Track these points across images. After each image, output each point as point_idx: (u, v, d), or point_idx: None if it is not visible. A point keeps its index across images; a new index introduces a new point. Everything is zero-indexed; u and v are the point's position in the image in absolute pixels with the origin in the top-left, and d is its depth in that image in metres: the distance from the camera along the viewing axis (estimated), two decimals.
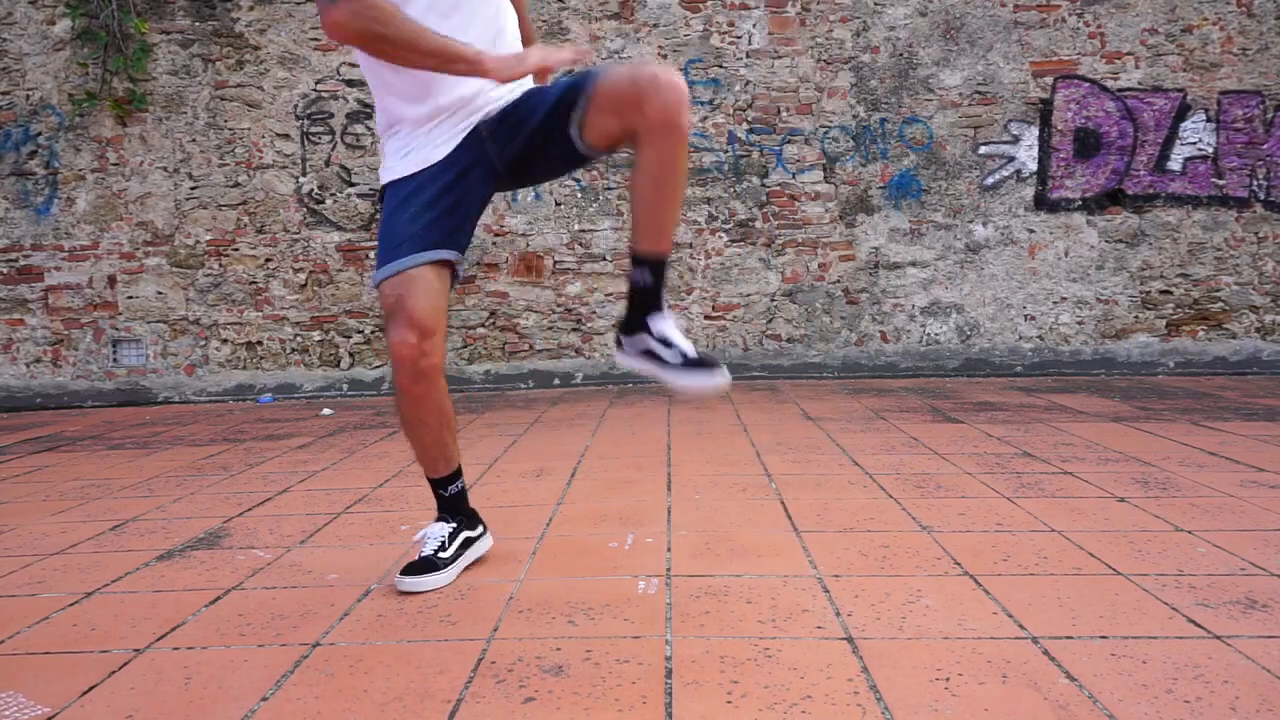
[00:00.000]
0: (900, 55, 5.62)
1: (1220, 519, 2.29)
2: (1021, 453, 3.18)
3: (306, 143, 5.68)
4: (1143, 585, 1.82)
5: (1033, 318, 5.67)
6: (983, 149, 5.63)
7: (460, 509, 2.04)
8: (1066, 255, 5.65)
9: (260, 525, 2.53)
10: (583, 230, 5.70)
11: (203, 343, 5.75)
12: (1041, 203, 5.64)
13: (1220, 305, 5.62)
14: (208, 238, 5.71)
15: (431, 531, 2.00)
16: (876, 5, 5.60)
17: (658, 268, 1.82)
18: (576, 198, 5.69)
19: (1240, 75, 5.52)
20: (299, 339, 5.76)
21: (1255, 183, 5.57)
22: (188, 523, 2.59)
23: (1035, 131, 5.61)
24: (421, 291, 1.75)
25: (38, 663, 1.62)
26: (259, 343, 5.76)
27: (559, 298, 5.74)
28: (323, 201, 5.70)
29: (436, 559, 1.94)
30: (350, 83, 5.64)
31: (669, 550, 2.15)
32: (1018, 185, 5.64)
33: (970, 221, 5.66)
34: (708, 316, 5.74)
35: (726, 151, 5.67)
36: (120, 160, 5.68)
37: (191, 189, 5.69)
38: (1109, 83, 5.56)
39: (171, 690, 1.49)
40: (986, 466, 2.96)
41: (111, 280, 5.72)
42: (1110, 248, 5.64)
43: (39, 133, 5.66)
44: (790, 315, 5.73)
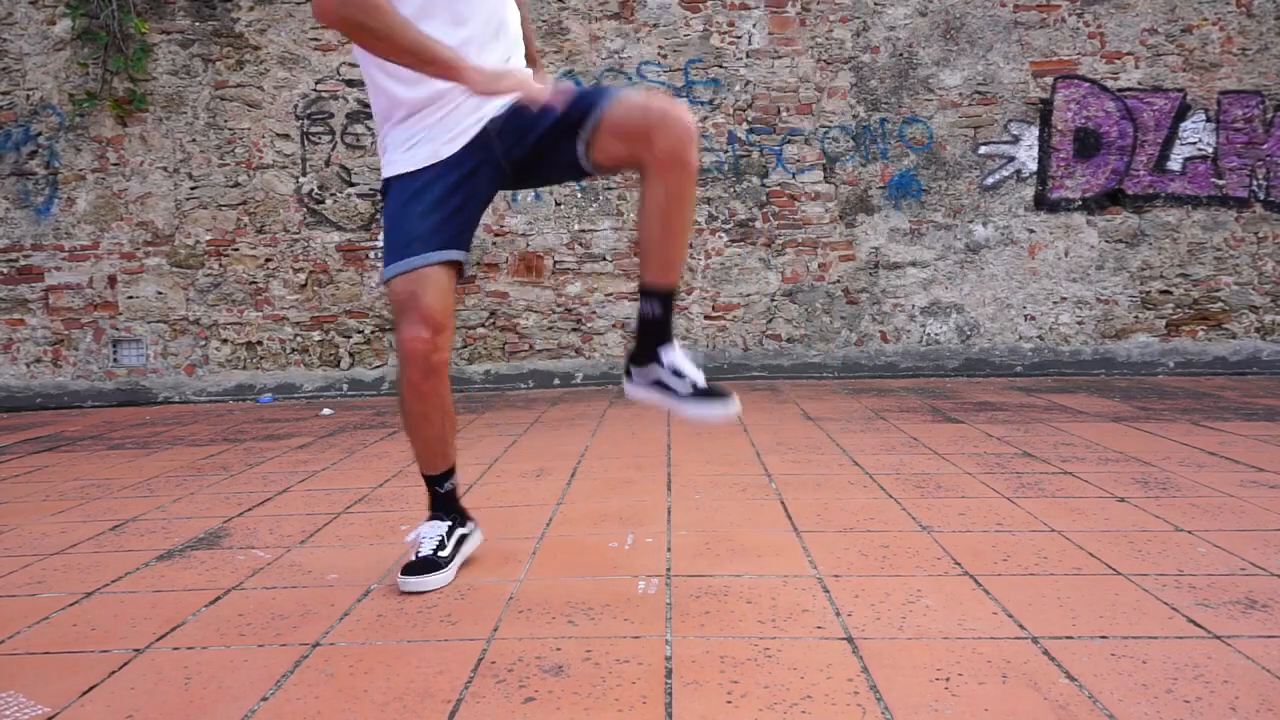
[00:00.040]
0: (900, 55, 5.62)
1: (1220, 519, 2.29)
2: (1021, 453, 3.18)
3: (306, 143, 5.68)
4: (1143, 585, 1.82)
5: (1033, 318, 5.67)
6: (983, 149, 5.63)
7: (454, 506, 2.06)
8: (1066, 255, 5.65)
9: (260, 525, 2.53)
10: (583, 230, 5.70)
11: (203, 343, 5.75)
12: (1041, 203, 5.64)
13: (1220, 305, 5.62)
14: (208, 238, 5.71)
15: (426, 531, 2.00)
16: (876, 5, 5.60)
17: (666, 300, 1.86)
18: (576, 198, 5.69)
19: (1240, 75, 5.52)
20: (299, 339, 5.76)
21: (1255, 183, 5.57)
22: (188, 523, 2.59)
23: (1035, 131, 5.61)
24: (433, 288, 1.77)
25: (38, 663, 1.62)
26: (259, 343, 5.76)
27: (559, 298, 5.74)
28: (323, 201, 5.70)
29: (437, 558, 1.95)
30: (350, 83, 5.63)
31: (669, 550, 2.15)
32: (1018, 185, 5.64)
33: (970, 221, 5.67)
34: (708, 316, 5.74)
35: (726, 151, 5.67)
36: (120, 160, 5.68)
37: (191, 189, 5.70)
38: (1109, 83, 5.56)
39: (171, 690, 1.49)
40: (986, 466, 2.96)
41: (112, 280, 5.73)
42: (1110, 248, 5.64)
43: (39, 133, 5.66)
44: (790, 315, 5.73)
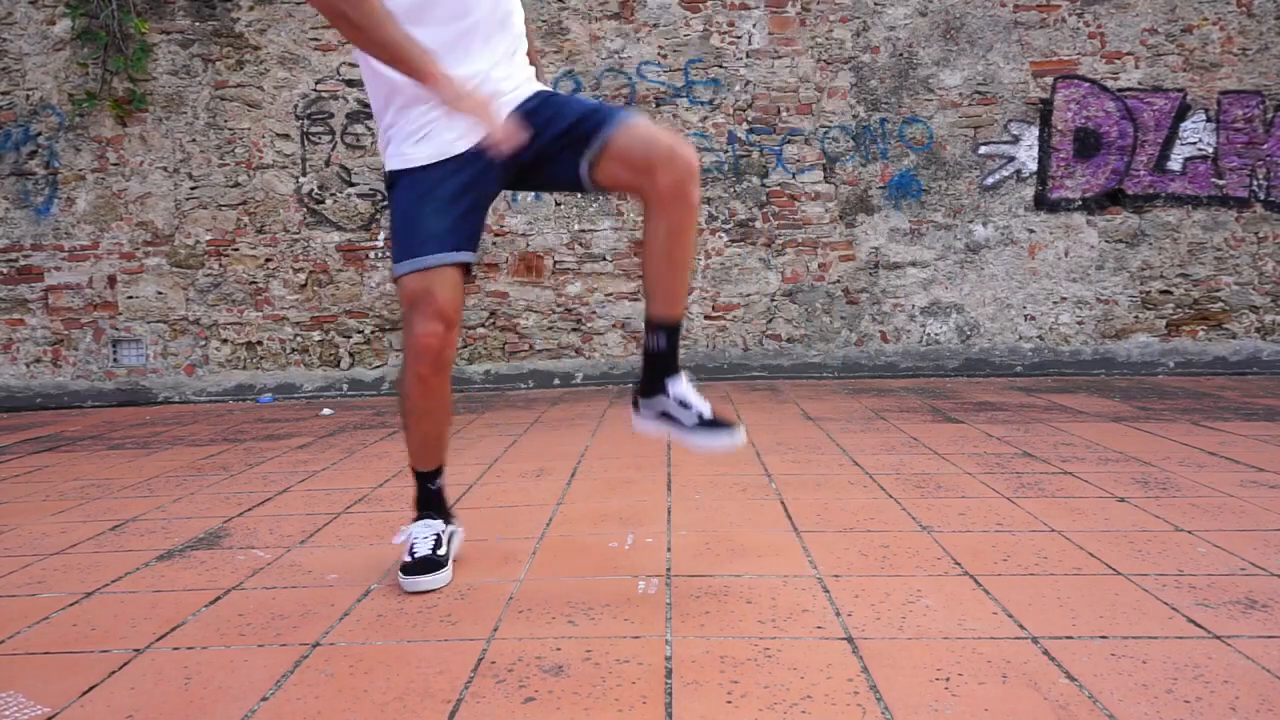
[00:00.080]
0: (900, 55, 5.62)
1: (1220, 519, 2.29)
2: (1021, 453, 3.18)
3: (306, 143, 5.68)
4: (1143, 585, 1.82)
5: (1033, 318, 5.67)
6: (983, 149, 5.63)
7: (442, 504, 2.07)
8: (1066, 255, 5.65)
9: (260, 525, 2.53)
10: (583, 230, 5.70)
11: (203, 343, 5.75)
12: (1041, 203, 5.64)
13: (1220, 305, 5.62)
14: (208, 238, 5.71)
15: (420, 531, 2.00)
16: (876, 5, 5.60)
17: (672, 333, 1.90)
18: (576, 198, 5.69)
19: (1240, 75, 5.52)
20: (299, 339, 5.76)
21: (1255, 183, 5.57)
22: (188, 523, 2.59)
23: (1035, 131, 5.61)
24: (447, 285, 1.80)
25: (38, 663, 1.62)
26: (259, 343, 5.76)
27: (559, 298, 5.74)
28: (323, 201, 5.70)
29: (438, 557, 1.95)
30: (350, 83, 5.63)
31: (669, 550, 2.15)
32: (1018, 185, 5.64)
33: (970, 221, 5.66)
34: (708, 316, 5.74)
35: (726, 151, 5.67)
36: (120, 160, 5.68)
37: (191, 189, 5.69)
38: (1109, 83, 5.56)
39: (171, 690, 1.49)
40: (986, 466, 2.96)
41: (111, 280, 5.73)
42: (1110, 248, 5.64)
43: (39, 133, 5.66)
44: (790, 315, 5.73)
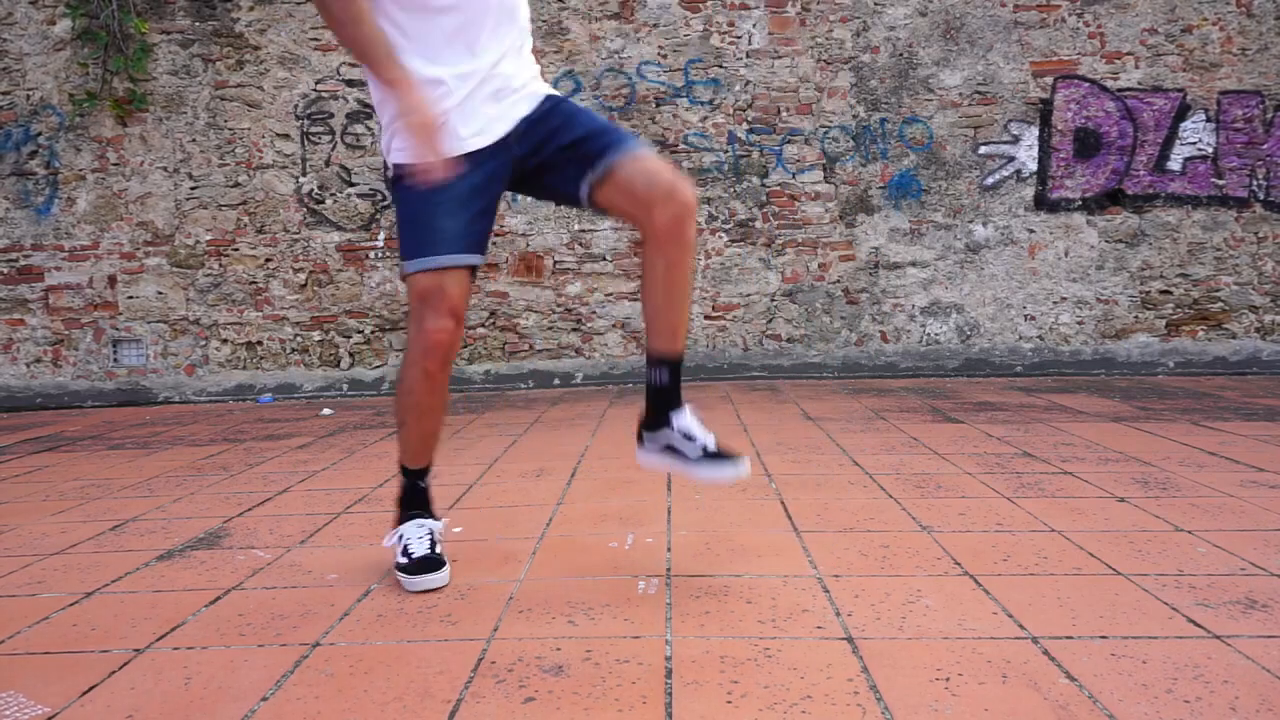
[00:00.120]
0: (900, 55, 5.62)
1: (1220, 519, 2.29)
2: (1021, 453, 3.18)
3: (306, 143, 5.68)
4: (1143, 585, 1.82)
5: (1033, 318, 5.67)
6: (983, 149, 5.63)
7: (430, 502, 2.06)
8: (1066, 255, 5.65)
9: (260, 525, 2.53)
10: (583, 230, 5.70)
11: (203, 343, 5.75)
12: (1041, 203, 5.64)
13: (1220, 305, 5.62)
14: (208, 238, 5.71)
15: (411, 531, 1.98)
16: (876, 5, 5.60)
17: (674, 367, 1.94)
18: None
19: (1240, 75, 5.52)
20: (299, 339, 5.76)
21: (1255, 183, 5.57)
22: (188, 523, 2.59)
23: (1035, 131, 5.61)
24: (458, 283, 1.82)
25: (38, 663, 1.62)
26: (259, 343, 5.76)
27: (559, 298, 5.74)
28: (323, 201, 5.70)
29: (437, 555, 1.96)
30: (350, 83, 5.63)
31: (669, 550, 2.15)
32: (1018, 185, 5.64)
33: (970, 221, 5.66)
34: (708, 316, 5.74)
35: (726, 151, 5.67)
36: (120, 160, 5.68)
37: (191, 189, 5.70)
38: (1109, 83, 5.56)
39: (171, 690, 1.49)
40: (986, 466, 2.96)
41: (112, 280, 5.73)
42: (1110, 248, 5.64)
43: (39, 133, 5.66)
44: (790, 315, 5.73)
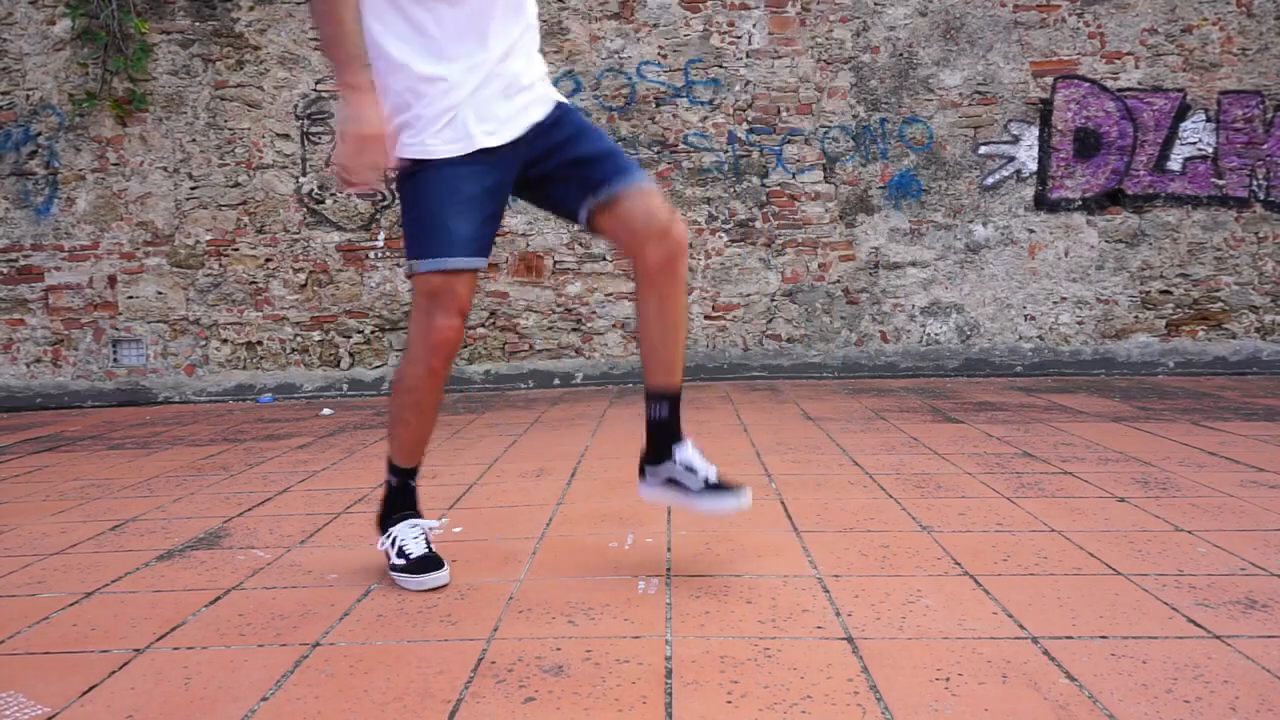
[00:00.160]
0: (900, 55, 5.62)
1: (1220, 519, 2.29)
2: (1021, 453, 3.18)
3: (306, 143, 5.68)
4: (1143, 585, 1.82)
5: (1033, 318, 5.67)
6: (983, 149, 5.63)
7: (417, 501, 2.05)
8: (1066, 255, 5.65)
9: (260, 525, 2.53)
10: (583, 230, 5.69)
11: (203, 343, 5.75)
12: (1041, 203, 5.64)
13: (1220, 305, 5.62)
14: (208, 238, 5.71)
15: (405, 531, 1.97)
16: (876, 5, 5.60)
17: (674, 401, 1.98)
18: None
19: (1240, 75, 5.52)
20: (299, 339, 5.76)
21: (1255, 183, 5.57)
22: (188, 523, 2.59)
23: (1035, 131, 5.61)
24: (466, 282, 1.85)
25: (38, 663, 1.62)
26: (259, 343, 5.76)
27: (559, 298, 5.74)
28: (323, 201, 5.70)
29: (435, 554, 1.96)
30: None
31: (669, 550, 2.15)
32: (1018, 185, 5.64)
33: (970, 221, 5.66)
34: (708, 316, 5.74)
35: (726, 151, 5.67)
36: (120, 160, 5.68)
37: (191, 189, 5.69)
38: (1109, 83, 5.56)
39: (171, 690, 1.49)
40: (986, 466, 2.96)
41: (111, 280, 5.73)
42: (1110, 248, 5.64)
43: (39, 133, 5.66)
44: (790, 315, 5.73)
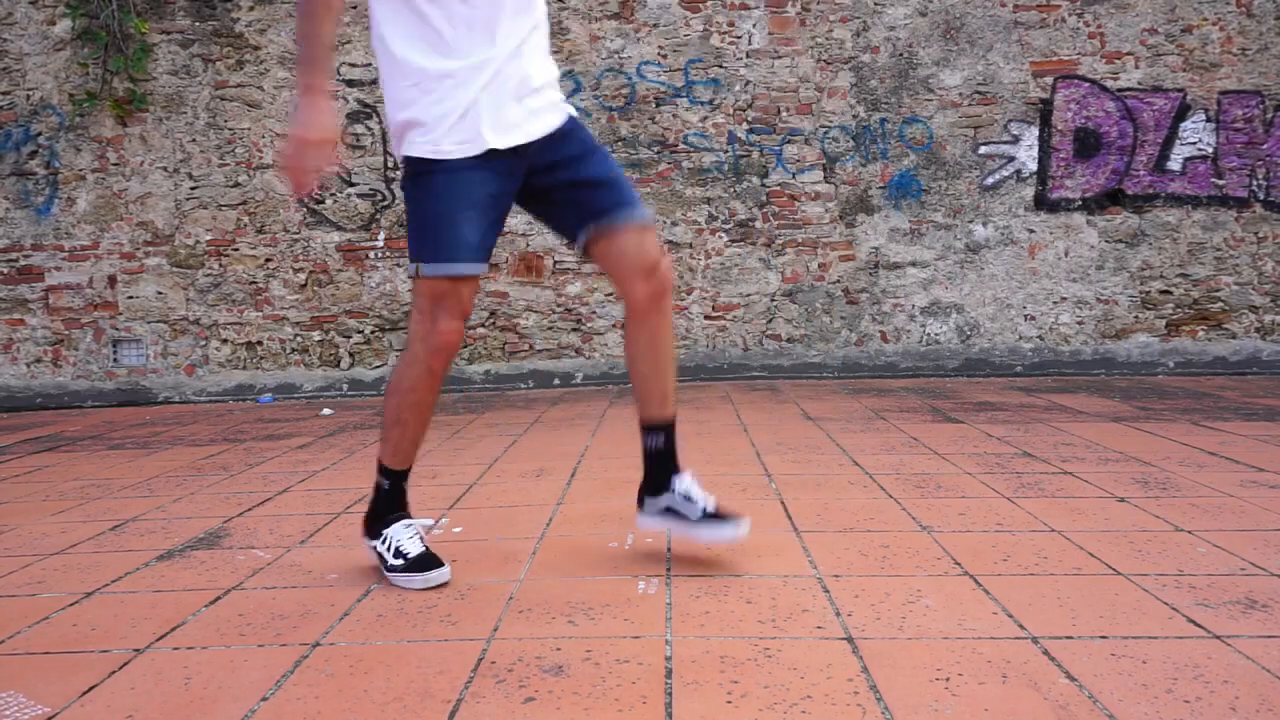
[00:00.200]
0: (900, 55, 5.62)
1: (1220, 519, 2.29)
2: (1021, 453, 3.18)
3: None
4: (1143, 585, 1.82)
5: (1033, 318, 5.67)
6: (983, 149, 5.63)
7: (406, 503, 2.05)
8: (1066, 255, 5.64)
9: (260, 525, 2.53)
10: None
11: (203, 343, 5.75)
12: (1041, 203, 5.64)
13: (1220, 305, 5.62)
14: (208, 238, 5.71)
15: (400, 532, 1.98)
16: (876, 5, 5.60)
17: (669, 431, 2.02)
18: None
19: (1240, 75, 5.52)
20: (299, 339, 5.76)
21: (1255, 183, 5.57)
22: (188, 523, 2.59)
23: (1035, 131, 5.61)
24: (470, 287, 1.86)
25: (38, 663, 1.62)
26: (259, 343, 5.76)
27: (559, 298, 5.74)
28: (323, 201, 5.70)
29: (432, 552, 1.97)
30: (350, 83, 5.63)
31: (669, 550, 2.15)
32: (1018, 185, 5.64)
33: (970, 221, 5.66)
34: (708, 316, 5.74)
35: (726, 151, 5.67)
36: (120, 160, 5.68)
37: (191, 189, 5.69)
38: (1109, 83, 5.56)
39: (171, 690, 1.49)
40: (986, 466, 2.96)
41: (112, 280, 5.73)
42: (1110, 248, 5.64)
43: (39, 133, 5.66)
44: (790, 315, 5.73)
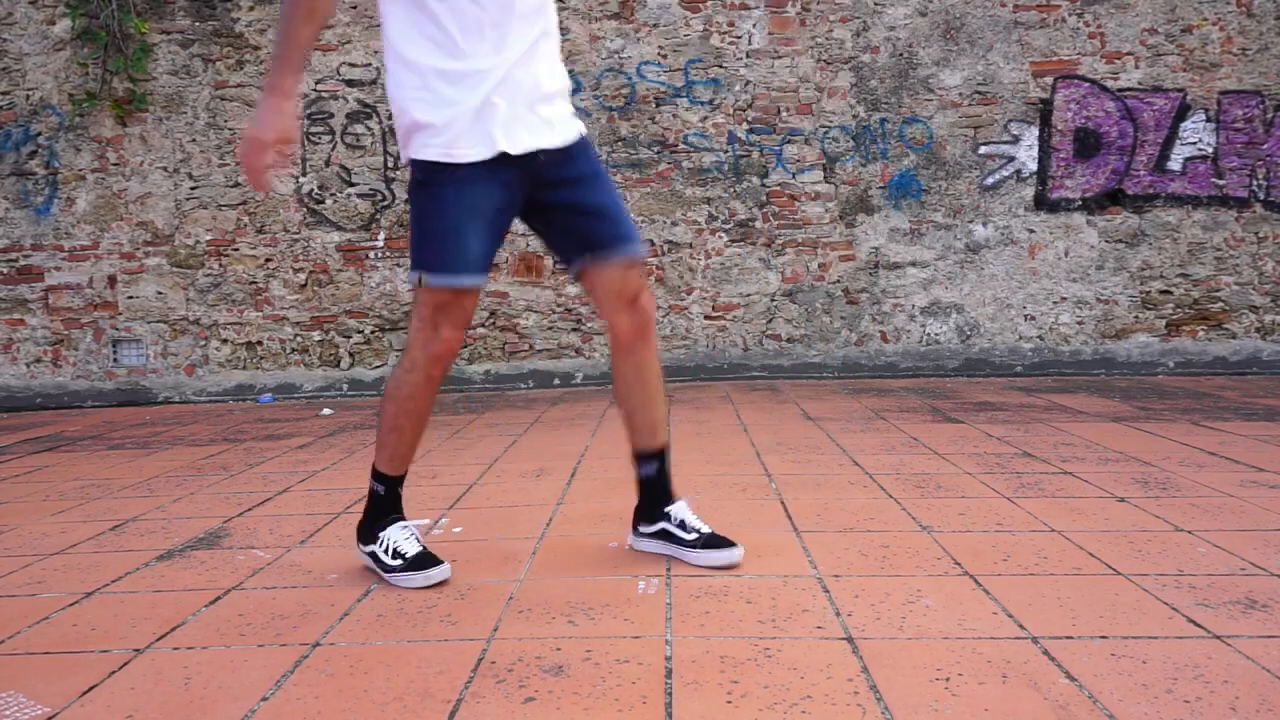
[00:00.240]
0: (900, 55, 5.62)
1: (1220, 519, 2.29)
2: (1021, 453, 3.18)
3: (306, 143, 5.68)
4: (1143, 585, 1.82)
5: (1033, 318, 5.67)
6: (983, 149, 5.63)
7: (400, 506, 2.06)
8: (1066, 255, 5.64)
9: (260, 525, 2.53)
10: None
11: (203, 343, 5.75)
12: (1041, 203, 5.63)
13: (1220, 305, 5.62)
14: (208, 238, 5.71)
15: (397, 534, 1.98)
16: (876, 5, 5.60)
17: (661, 459, 2.04)
18: None
19: (1240, 75, 5.52)
20: (299, 339, 5.76)
21: (1255, 183, 5.57)
22: (188, 523, 2.59)
23: (1035, 131, 5.60)
24: (472, 297, 1.87)
25: (38, 663, 1.62)
26: (259, 343, 5.76)
27: (559, 298, 5.74)
28: (323, 201, 5.70)
29: (430, 551, 1.97)
30: (350, 83, 5.64)
31: None
32: (1018, 185, 5.64)
33: (970, 221, 5.66)
34: (708, 316, 5.74)
35: (726, 151, 5.67)
36: (120, 160, 5.68)
37: (191, 189, 5.70)
38: (1109, 83, 5.56)
39: (171, 690, 1.49)
40: (986, 466, 2.96)
41: (111, 280, 5.73)
42: (1110, 248, 5.64)
43: (39, 133, 5.66)
44: (790, 315, 5.73)
